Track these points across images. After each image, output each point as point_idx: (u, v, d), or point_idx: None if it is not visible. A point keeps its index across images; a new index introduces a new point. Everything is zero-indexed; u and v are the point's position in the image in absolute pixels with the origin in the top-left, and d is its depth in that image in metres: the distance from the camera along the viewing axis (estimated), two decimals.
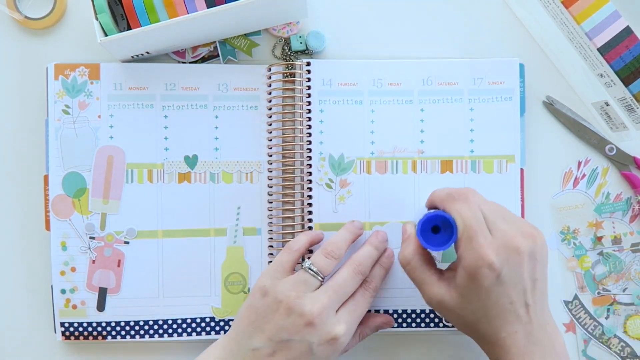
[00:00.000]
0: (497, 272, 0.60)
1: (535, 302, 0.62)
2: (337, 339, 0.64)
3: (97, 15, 0.67)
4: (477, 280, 0.60)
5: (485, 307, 0.61)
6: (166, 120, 0.73)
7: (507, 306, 0.61)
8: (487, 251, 0.60)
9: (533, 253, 0.62)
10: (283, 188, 0.73)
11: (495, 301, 0.61)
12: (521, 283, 0.61)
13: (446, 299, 0.63)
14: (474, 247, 0.60)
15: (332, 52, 0.75)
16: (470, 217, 0.62)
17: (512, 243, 0.61)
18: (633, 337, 0.75)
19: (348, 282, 0.66)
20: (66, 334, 0.73)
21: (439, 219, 0.64)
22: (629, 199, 0.75)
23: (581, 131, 0.75)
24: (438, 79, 0.74)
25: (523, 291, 0.61)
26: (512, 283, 0.61)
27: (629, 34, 0.67)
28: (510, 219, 0.63)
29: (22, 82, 0.75)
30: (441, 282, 0.64)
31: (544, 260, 0.63)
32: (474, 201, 0.63)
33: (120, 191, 0.73)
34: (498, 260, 0.60)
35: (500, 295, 0.61)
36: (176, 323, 0.73)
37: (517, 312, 0.61)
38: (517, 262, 0.61)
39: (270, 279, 0.66)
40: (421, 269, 0.65)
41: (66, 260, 0.73)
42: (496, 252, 0.60)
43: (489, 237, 0.61)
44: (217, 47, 0.74)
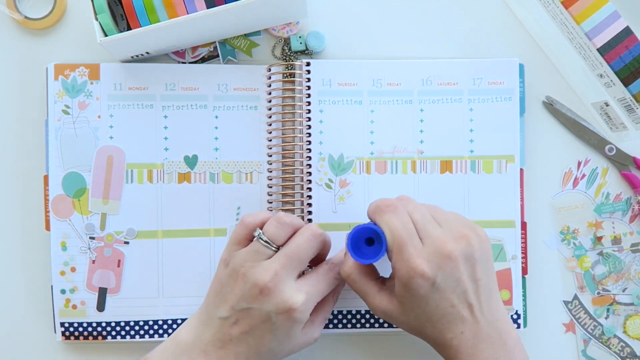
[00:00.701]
0: (431, 281, 0.60)
1: (481, 302, 0.61)
2: (294, 309, 0.63)
3: (97, 15, 0.67)
4: (412, 289, 0.60)
5: (426, 313, 0.61)
6: (166, 121, 0.73)
7: (449, 309, 0.61)
8: (417, 260, 0.60)
9: (469, 254, 0.61)
10: (283, 188, 0.73)
11: (436, 307, 0.61)
12: (460, 286, 0.61)
13: (388, 308, 0.63)
14: (404, 258, 0.60)
15: (332, 52, 0.75)
16: (399, 227, 0.61)
17: (444, 249, 0.60)
18: (633, 337, 0.75)
19: (302, 247, 0.65)
20: (66, 334, 0.73)
21: (369, 232, 0.64)
22: (629, 199, 0.75)
23: (581, 131, 0.75)
24: (438, 79, 0.74)
25: (463, 293, 0.61)
26: (450, 288, 0.61)
27: (629, 34, 0.67)
28: (445, 222, 0.63)
29: (22, 82, 0.75)
30: (382, 292, 0.64)
31: (484, 258, 0.62)
32: (403, 210, 0.63)
33: (120, 191, 0.73)
34: (430, 269, 0.60)
35: (440, 301, 0.61)
36: (176, 323, 0.73)
37: (459, 314, 0.61)
38: (452, 267, 0.60)
39: (229, 252, 0.66)
40: (361, 281, 0.65)
41: (66, 260, 0.73)
42: (427, 261, 0.60)
43: (419, 246, 0.61)
44: (217, 47, 0.74)
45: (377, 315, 0.65)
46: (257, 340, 0.64)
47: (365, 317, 0.73)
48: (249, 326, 0.64)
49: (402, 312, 0.63)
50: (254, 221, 0.66)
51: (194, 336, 0.66)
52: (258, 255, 0.65)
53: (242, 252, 0.66)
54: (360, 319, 0.73)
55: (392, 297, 0.63)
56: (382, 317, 0.65)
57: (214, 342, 0.65)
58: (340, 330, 0.74)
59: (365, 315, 0.73)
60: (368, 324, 0.73)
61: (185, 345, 0.65)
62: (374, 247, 0.64)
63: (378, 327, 0.73)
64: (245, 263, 0.65)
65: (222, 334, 0.65)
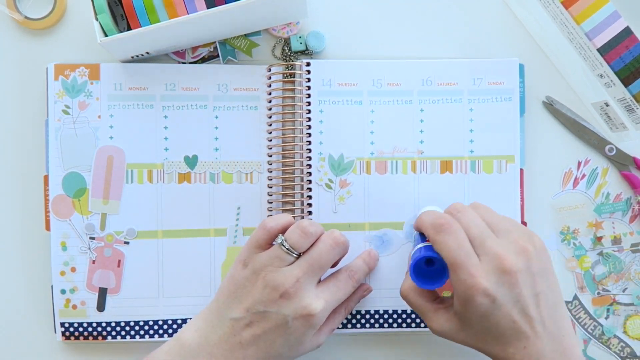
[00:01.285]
0: (491, 298, 0.59)
1: (542, 316, 0.60)
2: (312, 315, 0.64)
3: (97, 15, 0.67)
4: (472, 307, 0.60)
5: (487, 330, 0.61)
6: (166, 121, 0.73)
7: (511, 325, 0.60)
8: (477, 280, 0.59)
9: (528, 268, 0.60)
10: (283, 188, 0.73)
11: (497, 323, 0.60)
12: (520, 301, 0.60)
13: (448, 327, 0.63)
14: (462, 279, 0.60)
15: (332, 52, 0.75)
16: (455, 248, 0.61)
17: (503, 266, 0.60)
18: (633, 337, 0.75)
19: (323, 255, 0.66)
20: (66, 334, 0.73)
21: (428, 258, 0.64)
22: (629, 199, 0.75)
23: (581, 131, 0.75)
24: (438, 79, 0.74)
25: (524, 309, 0.60)
26: (511, 303, 0.60)
27: (629, 35, 0.67)
28: (503, 232, 0.62)
29: (22, 82, 0.75)
30: (440, 311, 0.64)
31: (544, 271, 0.62)
32: (457, 229, 0.62)
33: (120, 191, 0.73)
34: (491, 286, 0.59)
35: (501, 318, 0.60)
36: (176, 323, 0.73)
37: (521, 329, 0.60)
38: (512, 283, 0.60)
39: (248, 253, 0.67)
40: (419, 302, 0.65)
41: (66, 260, 0.73)
42: (487, 279, 0.59)
43: (477, 265, 0.60)
44: (217, 48, 0.74)
45: (435, 334, 0.65)
46: (268, 344, 0.64)
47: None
48: (262, 329, 0.64)
49: (462, 329, 0.62)
50: (276, 226, 0.67)
51: (201, 337, 0.65)
52: (280, 261, 0.65)
53: (263, 255, 0.66)
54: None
55: (451, 315, 0.63)
56: (442, 335, 0.64)
57: (221, 344, 0.65)
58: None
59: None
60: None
61: (190, 347, 0.65)
62: (434, 267, 0.64)
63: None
64: (266, 267, 0.65)
65: (231, 336, 0.65)
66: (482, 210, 0.65)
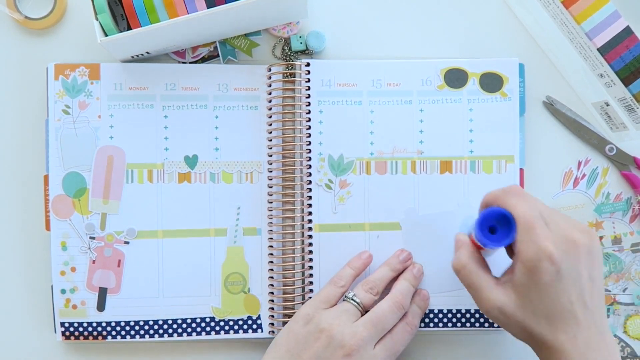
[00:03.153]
0: (557, 266, 0.58)
1: (595, 306, 0.60)
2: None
3: (97, 15, 0.67)
4: (537, 274, 0.59)
5: (545, 306, 0.60)
6: (166, 120, 0.73)
7: (567, 306, 0.59)
8: (546, 242, 0.58)
9: (590, 249, 0.60)
10: (283, 188, 0.73)
11: (556, 299, 0.59)
12: (579, 280, 0.59)
13: (505, 302, 0.61)
14: (532, 240, 0.59)
15: (332, 52, 0.75)
16: (527, 210, 0.60)
17: (571, 236, 0.59)
18: (633, 337, 0.75)
19: (388, 316, 0.67)
20: (66, 334, 0.73)
21: (497, 216, 0.62)
22: (629, 199, 0.75)
23: (581, 131, 0.75)
24: (437, 79, 0.74)
25: (581, 290, 0.59)
26: (572, 279, 0.59)
27: (629, 34, 0.67)
28: (565, 216, 0.63)
29: (22, 82, 0.75)
30: (498, 286, 0.62)
31: (600, 259, 0.61)
32: (530, 196, 0.62)
33: (120, 191, 0.73)
34: (557, 253, 0.58)
35: (561, 293, 0.59)
36: (176, 323, 0.73)
37: (576, 313, 0.59)
38: (575, 256, 0.59)
39: (314, 308, 0.67)
40: (477, 273, 0.63)
41: (66, 260, 0.73)
42: (555, 245, 0.59)
43: (547, 230, 0.59)
44: (217, 47, 0.74)
45: (489, 314, 0.63)
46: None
47: None
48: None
49: (520, 305, 0.61)
50: (347, 283, 0.69)
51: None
52: (348, 316, 0.66)
53: (332, 311, 0.67)
54: None
55: (508, 290, 0.61)
56: (495, 314, 0.62)
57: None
58: None
59: None
60: None
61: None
62: (497, 234, 0.62)
63: None
64: (333, 321, 0.66)
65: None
66: None
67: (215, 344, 0.74)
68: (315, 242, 0.73)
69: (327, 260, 0.73)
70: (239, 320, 0.73)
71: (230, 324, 0.73)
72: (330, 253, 0.73)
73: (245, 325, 0.73)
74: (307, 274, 0.73)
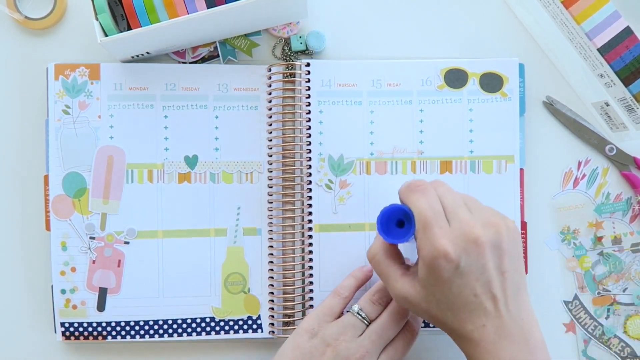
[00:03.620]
0: (454, 263, 0.58)
1: (506, 296, 0.60)
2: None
3: (97, 15, 0.67)
4: (435, 271, 0.59)
5: (448, 300, 0.60)
6: (166, 121, 0.73)
7: (472, 298, 0.59)
8: (441, 241, 0.58)
9: (497, 243, 0.59)
10: (283, 188, 0.73)
11: (458, 293, 0.59)
12: (485, 275, 0.59)
13: (410, 292, 0.62)
14: (429, 238, 0.59)
15: (332, 52, 0.75)
16: (426, 207, 0.60)
17: (471, 233, 0.59)
18: (633, 337, 0.75)
19: (391, 327, 0.67)
20: (66, 334, 0.73)
21: (399, 212, 0.63)
22: (629, 199, 0.75)
23: (581, 131, 0.75)
24: (437, 79, 0.74)
25: (488, 283, 0.59)
26: (474, 275, 0.59)
27: (629, 34, 0.67)
28: (476, 209, 0.62)
29: (22, 82, 0.75)
30: (405, 276, 0.63)
31: (513, 251, 0.61)
32: (432, 192, 0.62)
33: (120, 191, 0.73)
34: (454, 251, 0.58)
35: (463, 287, 0.59)
36: (176, 323, 0.73)
37: (482, 305, 0.59)
38: (477, 253, 0.59)
39: (319, 322, 0.67)
40: (385, 263, 0.64)
41: (66, 260, 0.73)
42: (452, 243, 0.58)
43: (445, 227, 0.59)
44: (217, 47, 0.74)
45: (397, 302, 0.64)
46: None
47: None
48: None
49: (424, 297, 0.61)
50: (350, 293, 0.69)
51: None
52: (354, 330, 0.66)
53: (336, 324, 0.67)
54: None
55: (415, 282, 0.62)
56: (403, 303, 0.63)
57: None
58: None
59: None
60: None
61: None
62: (404, 228, 0.63)
63: None
64: (339, 336, 0.66)
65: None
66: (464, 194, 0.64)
67: (215, 344, 0.74)
68: (315, 242, 0.73)
69: (327, 260, 0.73)
70: (239, 320, 0.73)
71: (230, 324, 0.73)
72: (330, 253, 0.73)
73: (245, 325, 0.73)
74: (307, 274, 0.73)
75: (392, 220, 0.63)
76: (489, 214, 0.61)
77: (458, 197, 0.62)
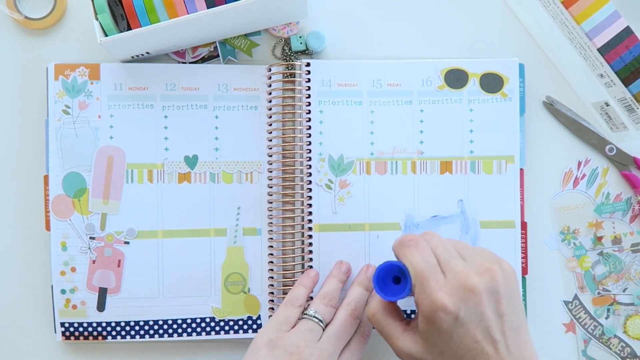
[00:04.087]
0: (453, 315, 0.59)
1: (506, 338, 0.60)
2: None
3: (97, 15, 0.67)
4: (435, 324, 0.59)
5: (450, 349, 0.60)
6: (166, 121, 0.73)
7: (473, 345, 0.59)
8: (438, 294, 0.59)
9: (493, 289, 0.60)
10: (283, 188, 0.73)
11: (459, 342, 0.59)
12: (483, 321, 0.59)
13: (413, 348, 0.62)
14: (426, 292, 0.59)
15: (332, 52, 0.75)
16: (420, 262, 0.61)
17: (467, 283, 0.59)
18: (633, 337, 0.75)
19: (347, 327, 0.68)
20: (66, 334, 0.73)
21: (394, 269, 0.63)
22: (629, 199, 0.75)
23: (581, 131, 0.75)
24: (437, 79, 0.74)
25: (487, 329, 0.59)
26: (474, 322, 0.59)
27: (629, 34, 0.67)
28: (469, 256, 0.62)
29: (22, 82, 0.75)
30: (406, 332, 0.63)
31: (510, 294, 0.61)
32: (424, 245, 0.62)
33: (120, 191, 0.73)
34: (452, 303, 0.59)
35: (464, 336, 0.59)
36: (176, 323, 0.73)
37: (484, 350, 0.59)
38: (475, 301, 0.59)
39: (277, 333, 0.67)
40: (385, 321, 0.64)
41: (66, 260, 0.73)
42: (449, 295, 0.59)
43: (441, 280, 0.60)
44: (217, 47, 0.74)
45: (401, 358, 0.64)
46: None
47: None
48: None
49: (428, 350, 0.61)
50: (303, 301, 0.70)
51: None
52: (312, 335, 0.67)
53: (295, 332, 0.67)
54: None
55: (416, 336, 0.62)
56: (407, 358, 0.63)
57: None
58: None
59: None
60: None
61: None
62: (400, 284, 0.64)
63: None
64: (300, 343, 0.66)
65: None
66: (454, 240, 0.65)
67: (215, 344, 0.74)
68: (315, 242, 0.73)
69: (327, 260, 0.73)
70: (239, 320, 0.73)
71: (230, 324, 0.73)
72: (330, 253, 0.73)
73: (245, 325, 0.73)
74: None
75: (389, 276, 0.64)
76: (483, 260, 0.62)
77: (450, 247, 0.63)
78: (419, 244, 0.62)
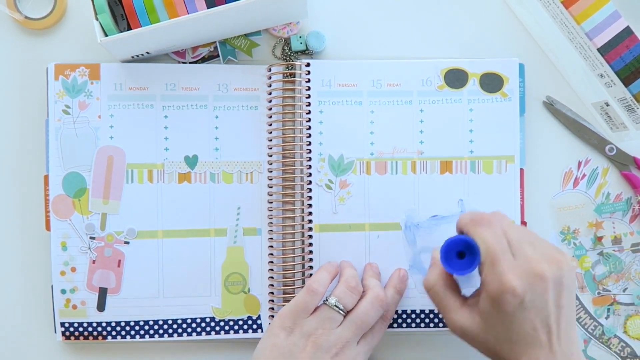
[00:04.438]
0: (520, 298, 0.59)
1: (560, 330, 0.60)
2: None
3: (97, 15, 0.67)
4: (500, 305, 0.59)
5: (507, 333, 0.60)
6: (166, 121, 0.73)
7: (530, 332, 0.59)
8: (509, 277, 0.59)
9: (559, 279, 0.60)
10: (283, 188, 0.73)
11: (519, 327, 0.60)
12: (545, 308, 0.59)
13: (469, 324, 0.62)
14: (496, 273, 0.59)
15: (332, 52, 0.75)
16: (493, 241, 0.60)
17: (536, 269, 0.59)
18: (633, 337, 0.75)
19: (369, 314, 0.68)
20: (66, 334, 0.73)
21: (463, 244, 0.63)
22: (629, 199, 0.75)
23: (581, 131, 0.75)
24: (437, 79, 0.74)
25: (547, 317, 0.60)
26: (536, 309, 0.59)
27: (629, 34, 0.67)
28: (537, 244, 0.62)
29: (22, 82, 0.75)
30: (464, 308, 0.63)
31: (571, 287, 0.61)
32: (498, 225, 0.62)
33: (120, 191, 0.73)
34: (521, 286, 0.59)
35: (524, 321, 0.59)
36: (176, 323, 0.73)
37: (539, 338, 0.59)
38: (542, 288, 0.59)
39: (294, 319, 0.67)
40: (444, 294, 0.64)
41: (66, 260, 0.73)
42: (519, 278, 0.59)
43: (512, 262, 0.60)
44: (217, 47, 0.74)
45: (454, 333, 0.64)
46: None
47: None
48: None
49: (483, 329, 0.61)
50: (324, 289, 0.69)
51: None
52: (331, 322, 0.67)
53: (313, 319, 0.67)
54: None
55: (474, 313, 0.62)
56: (459, 334, 0.63)
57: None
58: None
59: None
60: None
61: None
62: (465, 260, 0.63)
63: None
64: (317, 330, 0.66)
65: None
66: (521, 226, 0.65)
67: (215, 344, 0.74)
68: (315, 242, 0.73)
69: (327, 260, 0.73)
70: (239, 320, 0.73)
71: (230, 324, 0.73)
72: (330, 253, 0.73)
73: (245, 325, 0.73)
74: (307, 274, 0.73)
75: (454, 251, 0.63)
76: (550, 250, 0.62)
77: (521, 231, 0.63)
78: (492, 223, 0.62)
